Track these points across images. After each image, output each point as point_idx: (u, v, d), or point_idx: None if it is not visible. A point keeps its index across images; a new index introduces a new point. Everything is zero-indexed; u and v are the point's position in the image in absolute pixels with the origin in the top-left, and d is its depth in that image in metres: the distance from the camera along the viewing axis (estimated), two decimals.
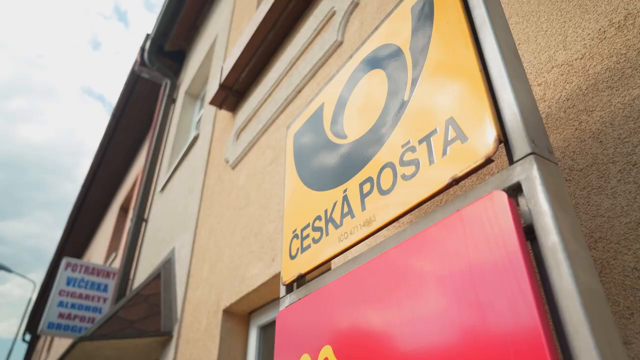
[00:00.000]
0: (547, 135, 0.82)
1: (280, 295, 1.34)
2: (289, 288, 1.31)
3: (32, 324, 18.95)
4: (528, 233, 0.70)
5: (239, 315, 2.90)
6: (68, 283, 5.88)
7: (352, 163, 1.15)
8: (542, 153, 0.74)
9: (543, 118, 1.16)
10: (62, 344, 9.39)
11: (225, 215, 3.28)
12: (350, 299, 0.99)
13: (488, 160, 0.78)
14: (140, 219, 6.00)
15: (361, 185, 1.08)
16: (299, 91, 2.77)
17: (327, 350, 1.01)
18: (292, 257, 1.30)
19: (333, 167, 1.23)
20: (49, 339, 13.89)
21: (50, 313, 5.60)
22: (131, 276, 5.65)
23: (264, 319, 2.79)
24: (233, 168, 3.44)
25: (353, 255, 1.65)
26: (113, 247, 8.92)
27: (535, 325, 0.61)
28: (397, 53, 1.10)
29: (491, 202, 0.74)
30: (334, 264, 1.83)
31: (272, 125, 2.99)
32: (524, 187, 0.73)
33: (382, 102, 1.11)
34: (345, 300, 1.00)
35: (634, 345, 0.85)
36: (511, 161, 0.77)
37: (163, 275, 4.15)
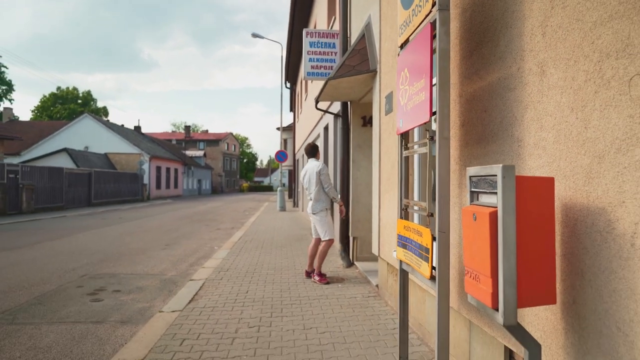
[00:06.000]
0: None
1: (398, 53, 3.43)
2: (401, 47, 3.39)
3: (288, 74, 24.76)
4: (433, 36, 2.65)
5: None
6: (310, 46, 8.77)
7: None
8: (442, 7, 2.58)
9: None
10: (313, 88, 13.27)
11: None
12: (411, 48, 3.06)
13: (430, 11, 2.66)
14: None
15: (413, 10, 2.99)
16: None
17: (405, 71, 3.15)
18: (399, 35, 3.34)
19: None
20: (303, 86, 18.72)
21: (306, 66, 8.75)
22: (348, 35, 8.09)
23: None
24: None
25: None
26: (331, 12, 11.38)
27: (427, 68, 2.65)
28: None
29: (426, 28, 2.67)
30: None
31: None
32: (436, 20, 2.61)
33: None
34: (411, 48, 3.08)
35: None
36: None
37: (366, 35, 6.40)
